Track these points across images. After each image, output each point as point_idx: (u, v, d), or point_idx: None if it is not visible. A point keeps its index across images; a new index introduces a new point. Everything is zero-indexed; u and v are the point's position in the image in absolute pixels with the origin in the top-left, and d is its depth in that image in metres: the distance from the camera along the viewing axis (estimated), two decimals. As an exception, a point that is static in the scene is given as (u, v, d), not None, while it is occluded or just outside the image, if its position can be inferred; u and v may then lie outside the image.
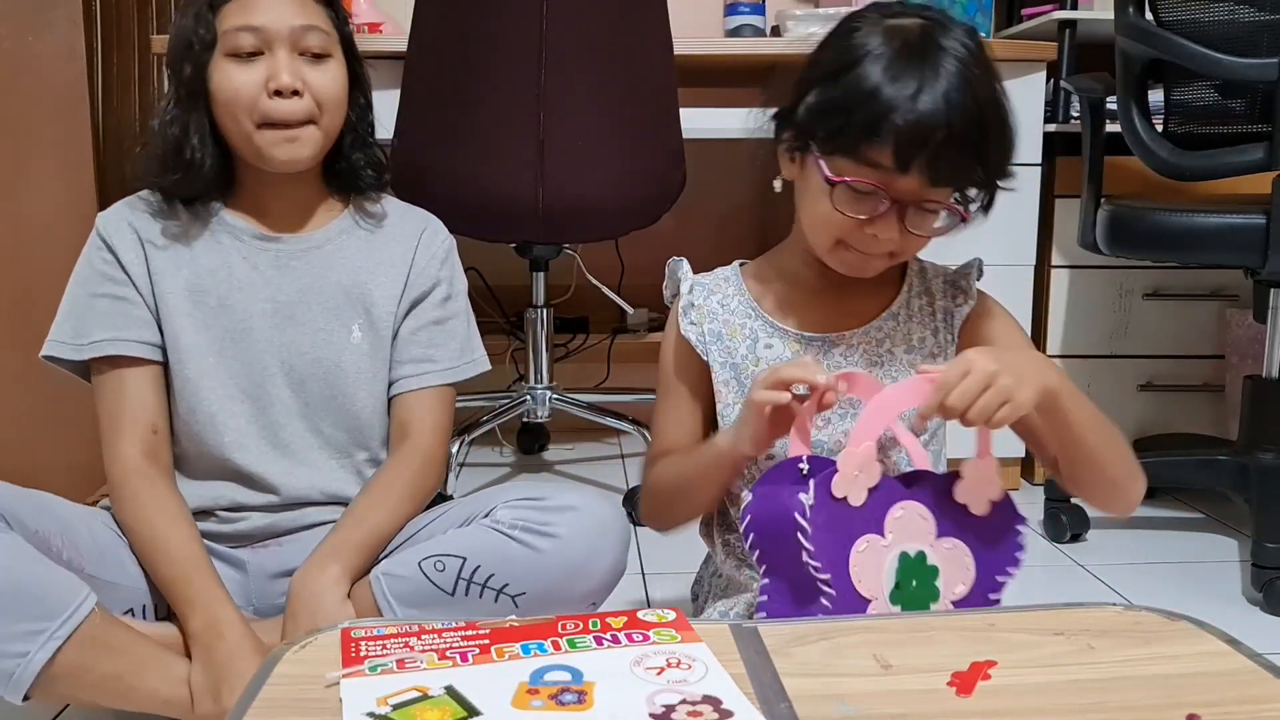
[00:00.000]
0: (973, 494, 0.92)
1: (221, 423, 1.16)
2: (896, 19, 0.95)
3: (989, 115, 0.93)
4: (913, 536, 0.91)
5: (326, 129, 1.15)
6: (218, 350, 1.16)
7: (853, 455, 0.89)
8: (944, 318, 1.06)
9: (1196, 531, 1.97)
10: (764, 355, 1.04)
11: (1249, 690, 0.65)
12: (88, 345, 1.14)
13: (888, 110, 0.90)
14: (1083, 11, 2.22)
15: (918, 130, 0.90)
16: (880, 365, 1.03)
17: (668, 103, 1.94)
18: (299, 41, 1.12)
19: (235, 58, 1.11)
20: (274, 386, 1.18)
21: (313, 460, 1.20)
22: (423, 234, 1.25)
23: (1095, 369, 2.21)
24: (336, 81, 1.15)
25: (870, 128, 0.91)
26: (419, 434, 1.21)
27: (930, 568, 0.91)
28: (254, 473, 1.17)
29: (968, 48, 0.93)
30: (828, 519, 0.88)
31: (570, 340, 2.51)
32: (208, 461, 1.17)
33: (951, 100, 0.90)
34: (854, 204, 0.95)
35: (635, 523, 1.97)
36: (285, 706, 0.64)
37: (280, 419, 1.18)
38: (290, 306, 1.18)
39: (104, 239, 1.17)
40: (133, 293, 1.16)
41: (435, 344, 1.24)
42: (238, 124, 1.12)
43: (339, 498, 1.19)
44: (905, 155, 0.91)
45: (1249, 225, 1.66)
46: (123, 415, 1.14)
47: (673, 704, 0.61)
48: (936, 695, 0.65)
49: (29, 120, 1.80)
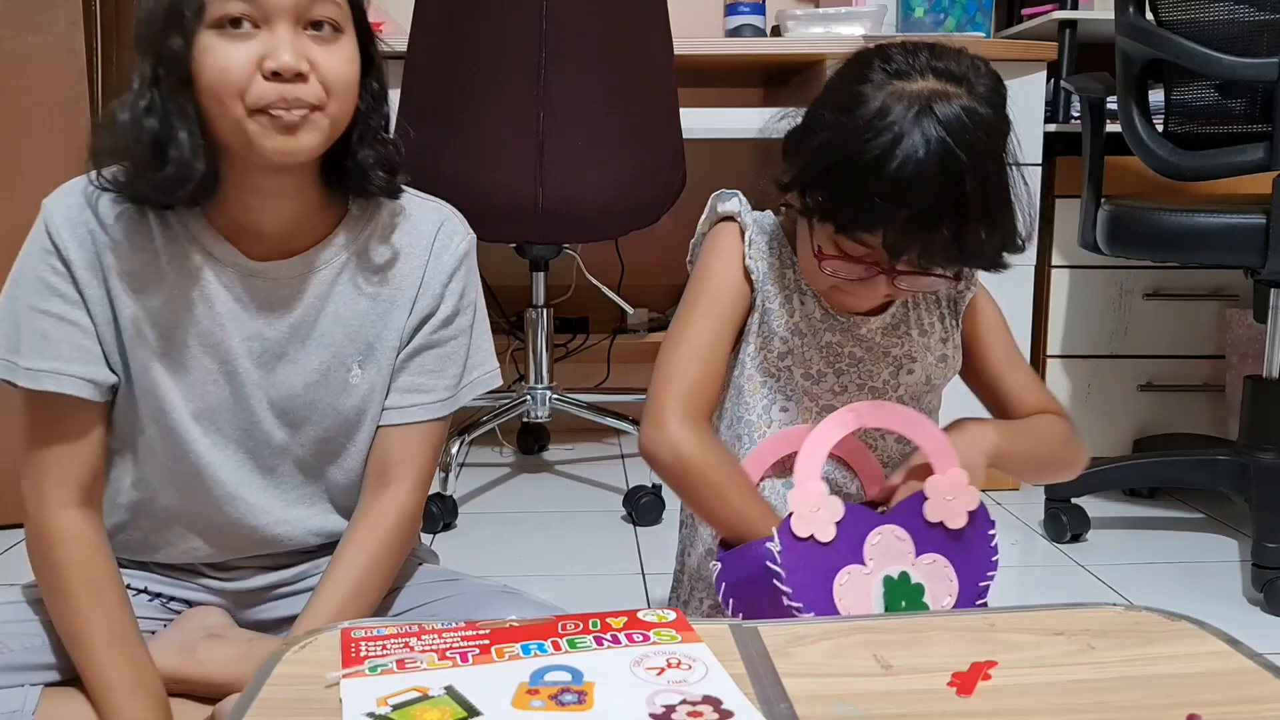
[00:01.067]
0: (945, 510, 0.93)
1: (211, 475, 1.02)
2: (905, 82, 0.91)
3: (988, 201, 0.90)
4: (893, 559, 0.92)
5: (334, 119, 0.94)
6: (200, 395, 1.00)
7: (803, 496, 0.91)
8: (948, 304, 1.08)
9: (1197, 531, 1.97)
10: (798, 308, 1.04)
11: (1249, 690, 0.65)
12: (23, 370, 0.95)
13: (879, 206, 0.89)
14: (1083, 11, 2.22)
15: (909, 227, 0.89)
16: (899, 345, 1.04)
17: (668, 103, 1.94)
18: (305, 13, 0.90)
19: (222, 29, 0.88)
20: (266, 433, 1.03)
21: (314, 507, 1.08)
22: (434, 243, 1.06)
23: (1095, 369, 2.21)
24: (349, 63, 0.94)
25: (864, 221, 0.91)
26: (398, 484, 1.05)
27: (915, 586, 0.92)
28: (245, 524, 1.05)
29: (976, 121, 0.89)
30: (800, 559, 0.89)
31: (570, 340, 2.51)
32: (191, 514, 1.05)
33: (949, 195, 0.88)
34: (844, 269, 0.96)
35: (636, 523, 1.97)
36: (285, 706, 0.64)
37: (275, 466, 1.05)
38: (280, 344, 1.01)
39: (55, 242, 0.95)
40: (84, 318, 0.96)
41: (430, 370, 1.06)
42: (225, 110, 0.90)
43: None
44: (897, 248, 0.91)
45: (1249, 225, 1.66)
46: (57, 456, 0.97)
47: (673, 704, 0.61)
48: (937, 695, 0.65)
49: (29, 120, 1.80)
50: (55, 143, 1.77)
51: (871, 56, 0.95)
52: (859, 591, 0.90)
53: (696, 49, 2.08)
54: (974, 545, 0.94)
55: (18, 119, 1.80)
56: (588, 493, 2.19)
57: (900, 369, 1.05)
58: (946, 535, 0.94)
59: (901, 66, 0.92)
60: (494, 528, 1.97)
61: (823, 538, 0.90)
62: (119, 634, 0.97)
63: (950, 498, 0.93)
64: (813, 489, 0.91)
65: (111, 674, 0.95)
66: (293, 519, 1.07)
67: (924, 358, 1.05)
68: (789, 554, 0.89)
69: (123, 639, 0.97)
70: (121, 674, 0.96)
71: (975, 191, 0.89)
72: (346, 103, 0.95)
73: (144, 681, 0.97)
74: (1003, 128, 0.93)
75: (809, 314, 1.04)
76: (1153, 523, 2.02)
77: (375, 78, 0.99)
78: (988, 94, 0.92)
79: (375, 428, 1.07)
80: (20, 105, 1.80)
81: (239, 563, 1.10)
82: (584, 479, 2.27)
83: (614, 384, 2.53)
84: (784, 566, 0.88)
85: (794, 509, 0.90)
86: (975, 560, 0.94)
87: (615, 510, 2.02)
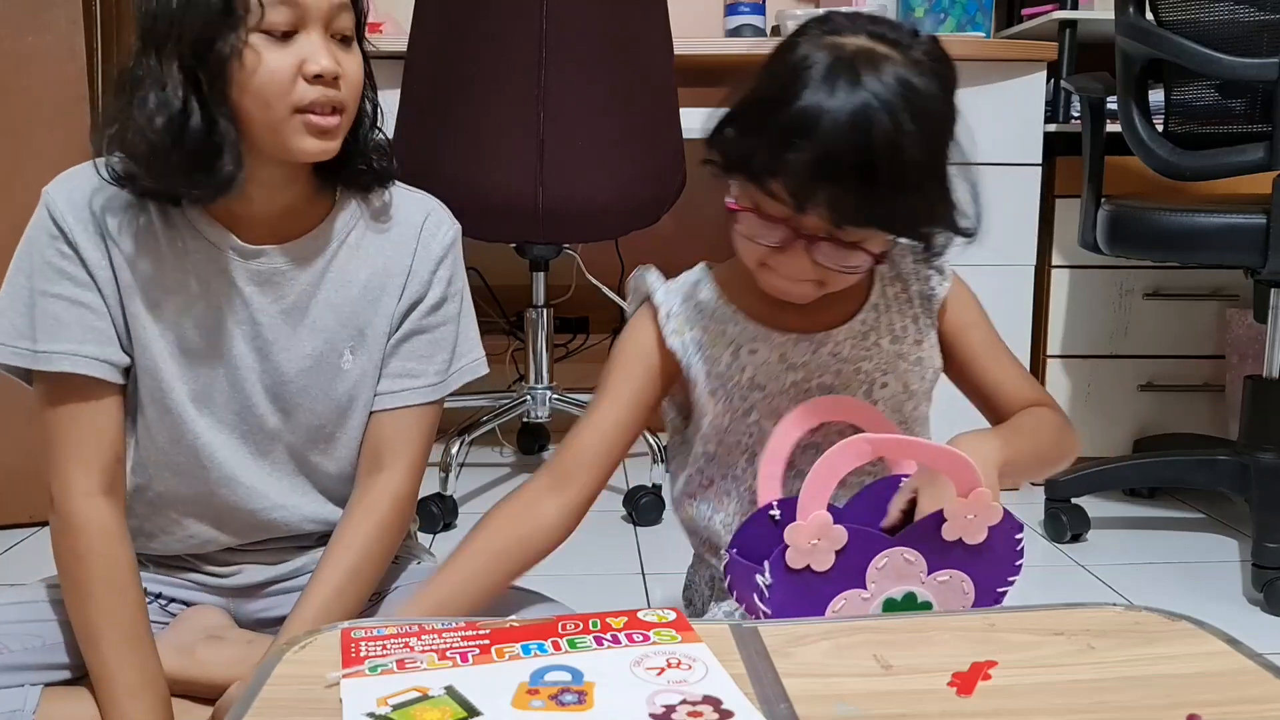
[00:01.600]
0: (965, 528, 0.88)
1: (208, 456, 1.04)
2: (837, 36, 0.89)
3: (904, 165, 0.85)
4: (900, 580, 0.87)
5: (352, 118, 1.01)
6: (196, 378, 1.03)
7: (800, 529, 0.84)
8: (921, 303, 1.04)
9: (1197, 531, 1.97)
10: (749, 361, 1.00)
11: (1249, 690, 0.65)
12: (38, 354, 0.97)
13: (785, 147, 0.84)
14: (1083, 11, 2.22)
15: (814, 170, 0.84)
16: (869, 359, 1.01)
17: (668, 103, 1.94)
18: (332, 21, 0.96)
19: (268, 35, 0.93)
20: (259, 417, 1.05)
21: (308, 494, 1.10)
22: (421, 232, 1.09)
23: (1095, 369, 2.21)
24: (361, 67, 1.01)
25: (770, 163, 0.86)
26: (391, 469, 1.07)
27: (921, 605, 0.88)
28: (241, 508, 1.06)
29: (901, 79, 0.85)
30: (790, 594, 0.84)
31: (570, 340, 2.51)
32: (187, 497, 1.06)
33: (858, 141, 0.83)
34: (759, 232, 0.91)
35: (636, 523, 1.97)
36: (285, 706, 0.64)
37: (269, 451, 1.07)
38: (272, 330, 1.03)
39: (60, 226, 0.97)
40: (95, 299, 0.98)
41: (421, 355, 1.09)
42: (268, 112, 0.94)
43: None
44: (801, 195, 0.86)
45: (1249, 225, 1.66)
46: (79, 440, 0.98)
47: (673, 704, 0.61)
48: (937, 695, 0.65)
49: (29, 120, 1.80)
50: (55, 143, 1.77)
51: (814, 20, 0.93)
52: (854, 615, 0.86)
53: (696, 49, 2.08)
54: (995, 554, 0.89)
55: (18, 119, 1.80)
56: (588, 493, 2.18)
57: (874, 385, 1.01)
58: (965, 550, 0.88)
59: (839, 26, 0.90)
60: (494, 528, 1.97)
61: (819, 568, 0.85)
62: (132, 633, 0.98)
63: (971, 517, 0.88)
64: (814, 522, 0.85)
65: (120, 673, 0.96)
66: (289, 504, 1.09)
67: (896, 366, 1.01)
68: (779, 589, 0.84)
69: (135, 639, 0.98)
70: (130, 673, 0.96)
71: (886, 147, 0.83)
72: (357, 102, 1.01)
73: (150, 682, 0.98)
74: (938, 103, 0.88)
75: (763, 361, 0.99)
76: (1153, 523, 2.02)
77: (369, 78, 1.04)
78: (926, 63, 0.88)
79: (366, 416, 1.09)
80: (20, 105, 1.80)
81: (235, 558, 1.11)
82: (584, 479, 2.27)
83: (614, 384, 2.53)
84: (770, 603, 0.84)
85: (791, 543, 0.84)
86: (995, 568, 0.90)
87: (615, 510, 2.02)
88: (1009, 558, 0.91)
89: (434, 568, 1.16)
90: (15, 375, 1.01)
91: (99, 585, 0.97)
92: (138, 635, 0.98)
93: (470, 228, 1.11)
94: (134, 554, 1.01)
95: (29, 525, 1.89)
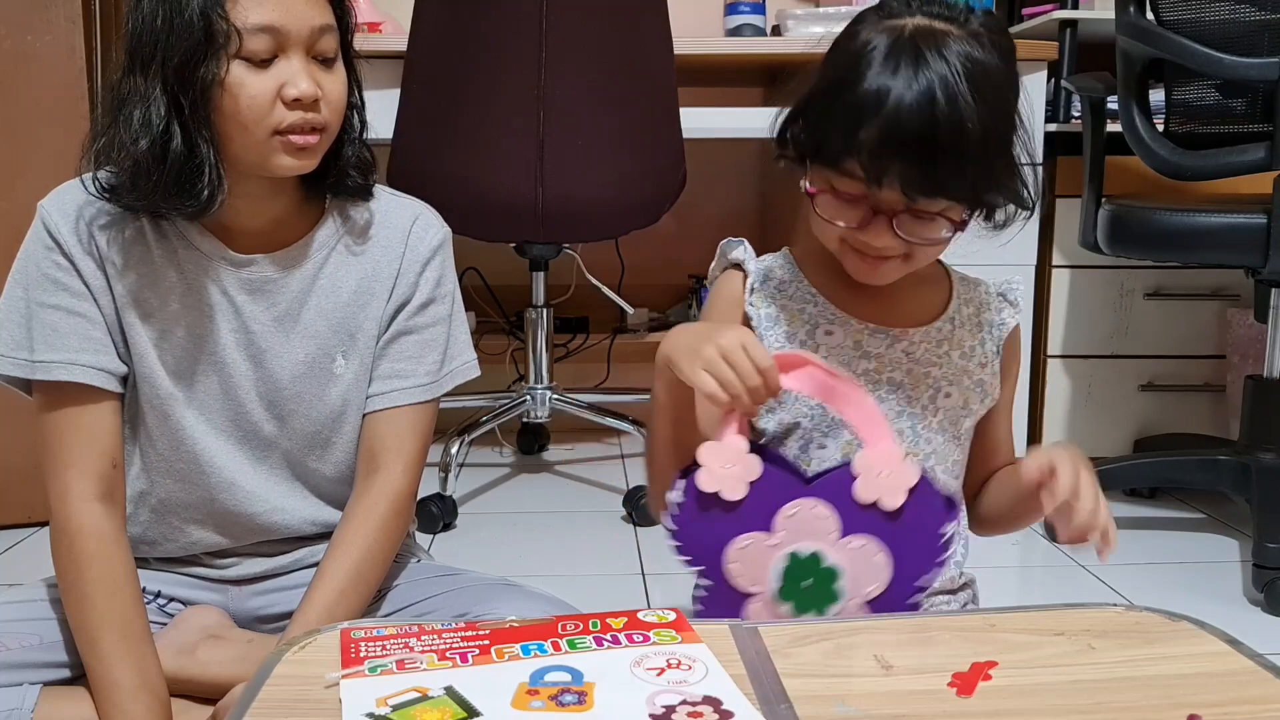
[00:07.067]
0: (878, 487, 0.84)
1: (207, 462, 1.05)
2: (895, 19, 0.93)
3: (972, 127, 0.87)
4: (809, 535, 0.84)
5: (333, 135, 1.02)
6: (192, 386, 1.04)
7: (716, 448, 0.82)
8: (989, 329, 1.06)
9: (1197, 531, 1.97)
10: (824, 341, 1.01)
11: (1250, 690, 0.65)
12: (36, 364, 0.99)
13: (857, 127, 0.88)
14: (1083, 11, 2.22)
15: (885, 145, 0.87)
16: (939, 366, 1.01)
17: (668, 103, 1.94)
18: (314, 45, 0.97)
19: (248, 61, 0.95)
20: (255, 424, 1.07)
21: (306, 498, 1.11)
22: (409, 235, 1.10)
23: (1096, 369, 2.21)
24: (344, 85, 1.02)
25: (842, 144, 0.89)
26: (388, 468, 1.08)
27: (828, 569, 0.85)
28: (242, 513, 1.08)
29: (962, 53, 0.88)
30: (696, 519, 0.84)
31: (570, 340, 2.51)
32: (189, 503, 1.07)
33: (925, 114, 0.86)
34: (839, 212, 0.94)
35: (636, 523, 1.97)
36: (285, 707, 0.64)
37: (265, 457, 1.08)
38: (264, 337, 1.05)
39: (55, 238, 0.99)
40: (92, 309, 1.00)
41: (410, 356, 1.10)
42: (248, 135, 0.96)
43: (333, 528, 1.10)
44: (874, 171, 0.89)
45: (1250, 225, 1.66)
46: (77, 448, 0.99)
47: (673, 705, 0.61)
48: (937, 696, 0.65)
49: (29, 120, 1.80)
50: (55, 143, 1.77)
51: (871, 9, 0.96)
52: (756, 562, 0.84)
53: (696, 49, 2.08)
54: (915, 535, 0.84)
55: (18, 119, 1.80)
56: (588, 493, 2.19)
57: (939, 392, 1.01)
58: (884, 519, 0.84)
59: (895, 10, 0.94)
60: (494, 528, 1.97)
61: (730, 497, 0.83)
62: (130, 634, 0.98)
63: (882, 473, 0.83)
64: (729, 444, 0.83)
65: (119, 673, 0.96)
66: (288, 508, 1.10)
67: (961, 381, 1.02)
68: (689, 508, 0.83)
69: (133, 639, 0.98)
70: (128, 674, 0.97)
71: (952, 119, 0.87)
72: (340, 119, 1.03)
73: (149, 683, 0.98)
74: (1000, 74, 0.91)
75: (839, 344, 1.00)
76: (1153, 523, 2.02)
77: (356, 89, 1.06)
78: (984, 35, 0.91)
79: (360, 420, 1.10)
80: (20, 105, 1.80)
81: (236, 549, 1.11)
82: (584, 479, 2.27)
83: (614, 384, 2.53)
84: (678, 520, 0.83)
85: (704, 462, 0.82)
86: (914, 553, 0.85)
87: (615, 510, 2.02)
88: (930, 543, 0.85)
89: (433, 566, 1.16)
90: (14, 386, 1.02)
91: (97, 589, 0.98)
92: (136, 637, 0.98)
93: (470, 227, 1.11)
94: (132, 558, 1.02)
95: (29, 525, 1.90)
